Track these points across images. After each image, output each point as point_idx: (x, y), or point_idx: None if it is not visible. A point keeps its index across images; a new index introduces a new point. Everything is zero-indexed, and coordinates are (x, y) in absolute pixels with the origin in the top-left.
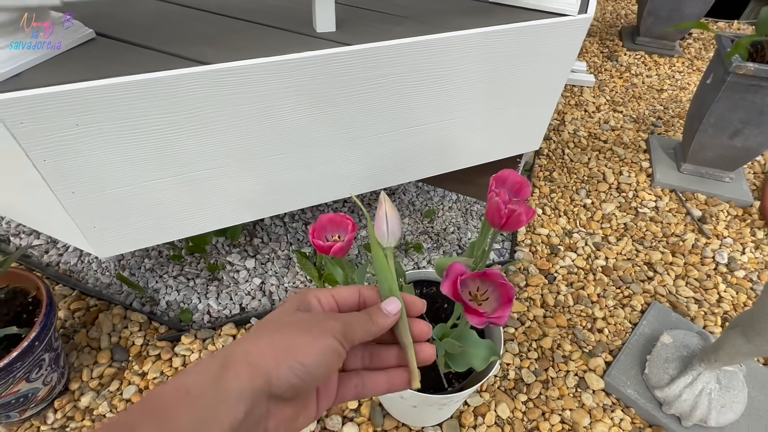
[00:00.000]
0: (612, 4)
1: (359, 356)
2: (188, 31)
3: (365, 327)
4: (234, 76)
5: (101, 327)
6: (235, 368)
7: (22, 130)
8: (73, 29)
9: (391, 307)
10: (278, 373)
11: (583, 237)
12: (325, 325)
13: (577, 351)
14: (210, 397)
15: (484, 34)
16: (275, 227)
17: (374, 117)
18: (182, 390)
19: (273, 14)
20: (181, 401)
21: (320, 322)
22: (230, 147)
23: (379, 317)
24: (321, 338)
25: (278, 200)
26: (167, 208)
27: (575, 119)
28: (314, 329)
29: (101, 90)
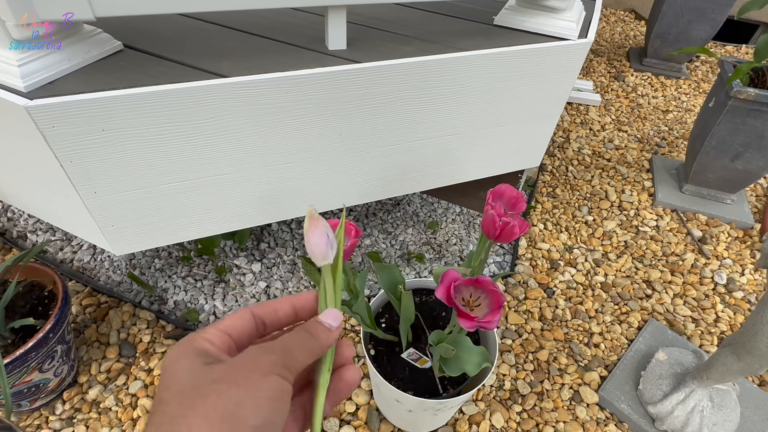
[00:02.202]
0: (621, 25)
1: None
2: (209, 45)
3: (306, 347)
4: (250, 89)
5: (111, 323)
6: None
7: (52, 133)
8: (103, 40)
9: (332, 319)
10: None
11: (583, 253)
12: (259, 363)
13: (572, 365)
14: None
15: (487, 56)
16: (282, 233)
17: (380, 131)
18: None
19: (288, 32)
20: None
21: (251, 363)
22: (243, 155)
23: (320, 332)
24: (263, 383)
25: (286, 206)
26: (182, 210)
27: (580, 137)
28: (250, 376)
29: (126, 98)
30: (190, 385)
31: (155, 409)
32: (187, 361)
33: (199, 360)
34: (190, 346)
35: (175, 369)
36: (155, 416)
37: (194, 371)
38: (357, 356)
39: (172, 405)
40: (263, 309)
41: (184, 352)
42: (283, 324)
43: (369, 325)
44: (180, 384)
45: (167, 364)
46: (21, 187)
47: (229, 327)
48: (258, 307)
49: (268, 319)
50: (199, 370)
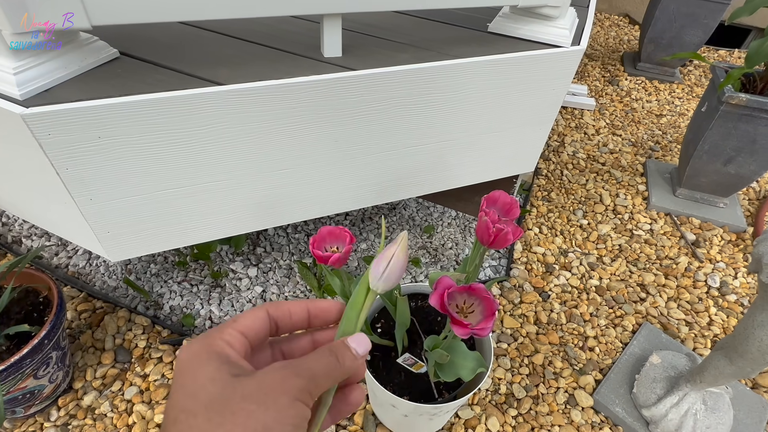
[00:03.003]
0: (615, 29)
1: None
2: (206, 52)
3: (330, 373)
4: (245, 97)
5: (106, 329)
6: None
7: (48, 141)
8: (99, 48)
9: (362, 347)
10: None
11: (578, 257)
12: (286, 387)
13: (567, 368)
14: None
15: (481, 63)
16: (278, 237)
17: (375, 137)
18: None
19: (284, 39)
20: None
21: (280, 386)
22: (239, 161)
23: (347, 360)
24: (289, 409)
25: (282, 212)
26: (177, 216)
27: (575, 141)
28: (279, 399)
29: (123, 106)
30: (219, 397)
31: (177, 417)
32: (211, 367)
33: (225, 369)
34: (211, 349)
35: (198, 374)
36: (179, 425)
37: (222, 383)
38: None
39: (199, 418)
40: (278, 311)
41: (204, 353)
42: (296, 327)
43: (365, 331)
44: (207, 394)
45: (185, 365)
46: (17, 194)
47: (245, 328)
48: (273, 307)
49: (282, 322)
50: (227, 382)
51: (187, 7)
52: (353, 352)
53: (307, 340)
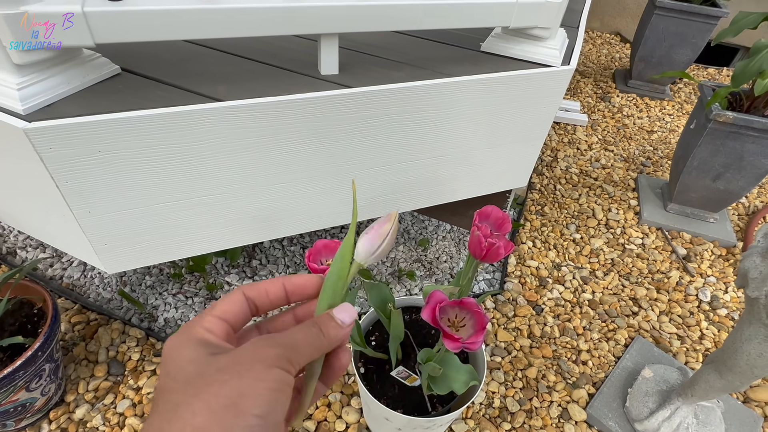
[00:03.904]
0: (607, 47)
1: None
2: (205, 69)
3: (313, 343)
4: (244, 113)
5: (100, 341)
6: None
7: (49, 155)
8: (101, 64)
9: (345, 315)
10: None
11: (571, 270)
12: (263, 355)
13: (561, 382)
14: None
15: (473, 81)
16: (274, 250)
17: (370, 152)
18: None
19: (282, 56)
20: None
21: (255, 355)
22: (236, 175)
23: (330, 328)
24: (266, 374)
25: (277, 225)
26: (174, 229)
27: (568, 156)
28: (253, 366)
29: (123, 121)
30: (196, 374)
31: (159, 397)
32: (190, 350)
33: (203, 350)
34: (190, 334)
35: (178, 358)
36: (159, 404)
37: (199, 361)
38: (347, 374)
39: (176, 393)
40: (254, 290)
41: (185, 340)
42: (274, 305)
43: (359, 344)
44: (185, 373)
45: (168, 353)
46: (15, 206)
47: (224, 312)
48: (249, 288)
49: (260, 302)
50: (203, 360)
51: (189, 27)
52: (338, 321)
53: (290, 316)
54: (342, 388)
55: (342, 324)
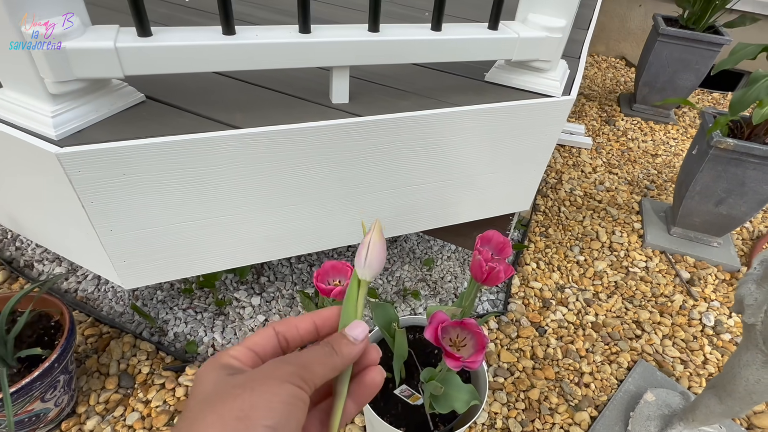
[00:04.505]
0: (612, 71)
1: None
2: (224, 97)
3: (327, 362)
4: (259, 139)
5: (111, 354)
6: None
7: (78, 177)
8: (127, 93)
9: (357, 332)
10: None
11: (574, 292)
12: (275, 373)
13: (563, 404)
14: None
15: (477, 111)
16: (282, 267)
17: (378, 176)
18: None
19: (296, 86)
20: None
21: (269, 372)
22: (249, 197)
23: (342, 346)
24: (278, 388)
25: (288, 245)
26: (189, 247)
27: (572, 179)
28: (266, 382)
29: (146, 147)
30: (213, 392)
31: (180, 418)
32: (214, 373)
33: (224, 372)
34: (216, 361)
35: (203, 381)
36: (179, 424)
37: (218, 381)
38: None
39: (194, 410)
40: (285, 326)
41: (211, 366)
42: (305, 341)
43: None
44: (205, 392)
45: (196, 378)
46: (40, 223)
47: (253, 344)
48: (280, 324)
49: (290, 336)
50: (222, 380)
51: (210, 61)
52: (350, 339)
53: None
54: None
55: (354, 340)
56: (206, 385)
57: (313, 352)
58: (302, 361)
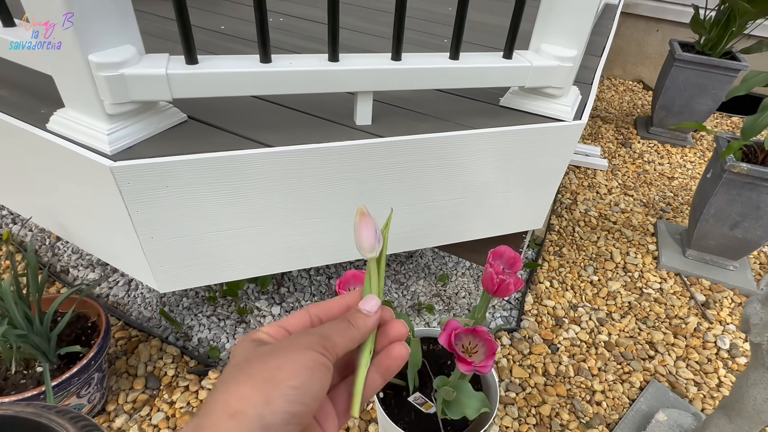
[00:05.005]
0: (629, 94)
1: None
2: (258, 118)
3: (346, 334)
4: (288, 157)
5: (139, 356)
6: (213, 428)
7: (127, 188)
8: (172, 113)
9: (370, 305)
10: (273, 408)
11: (587, 312)
12: (298, 342)
13: (574, 421)
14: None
15: (492, 133)
16: (301, 279)
17: (396, 193)
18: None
19: (323, 109)
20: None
21: (293, 342)
22: (277, 210)
23: (358, 319)
24: (301, 354)
25: (309, 256)
26: (220, 255)
27: (587, 200)
28: (290, 349)
29: (187, 163)
30: (243, 360)
31: (216, 383)
32: (244, 346)
33: (253, 345)
34: (249, 336)
35: (235, 354)
36: (215, 387)
37: (248, 351)
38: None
39: (227, 375)
40: (319, 308)
41: (243, 341)
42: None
43: None
44: (236, 361)
45: (231, 353)
46: (88, 230)
47: (286, 323)
48: (314, 306)
49: (324, 317)
50: (251, 350)
51: (248, 85)
52: (364, 312)
53: None
54: (361, 414)
55: (368, 313)
56: (238, 356)
57: (332, 324)
58: (323, 332)
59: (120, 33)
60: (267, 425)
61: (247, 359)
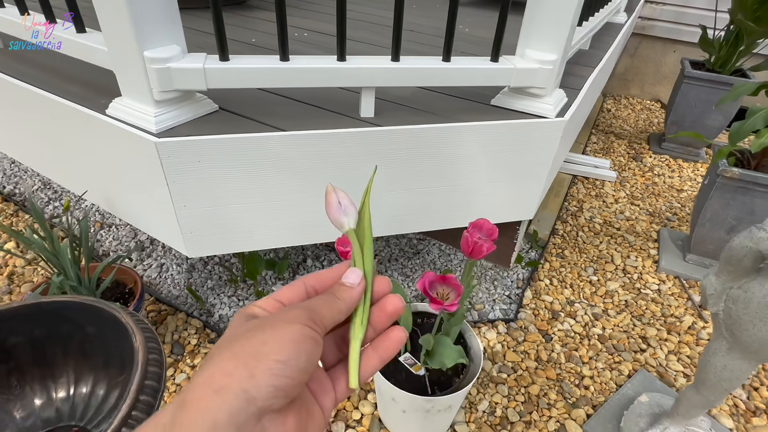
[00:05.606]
0: (646, 113)
1: (335, 346)
2: (277, 110)
3: (331, 305)
4: (300, 140)
5: (167, 326)
6: (196, 402)
7: (167, 161)
8: (206, 104)
9: (352, 277)
10: (257, 382)
11: (584, 307)
12: (285, 316)
13: (561, 401)
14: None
15: (480, 126)
16: (315, 269)
17: (395, 178)
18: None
19: (333, 102)
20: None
21: (279, 316)
22: (291, 187)
23: (342, 291)
24: (288, 327)
25: (320, 231)
26: (240, 226)
27: (593, 208)
28: (276, 323)
29: (217, 141)
30: (231, 336)
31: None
32: (237, 321)
33: (244, 319)
34: (242, 312)
35: (228, 329)
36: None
37: (237, 326)
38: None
39: (214, 350)
40: (313, 279)
41: (236, 316)
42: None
43: None
44: (226, 337)
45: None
46: (129, 202)
47: (281, 296)
48: (309, 277)
49: (320, 287)
50: (240, 325)
51: (269, 79)
52: (347, 284)
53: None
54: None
55: (351, 285)
56: (229, 332)
57: (319, 298)
58: (309, 305)
59: (168, 35)
60: (251, 399)
61: (235, 334)
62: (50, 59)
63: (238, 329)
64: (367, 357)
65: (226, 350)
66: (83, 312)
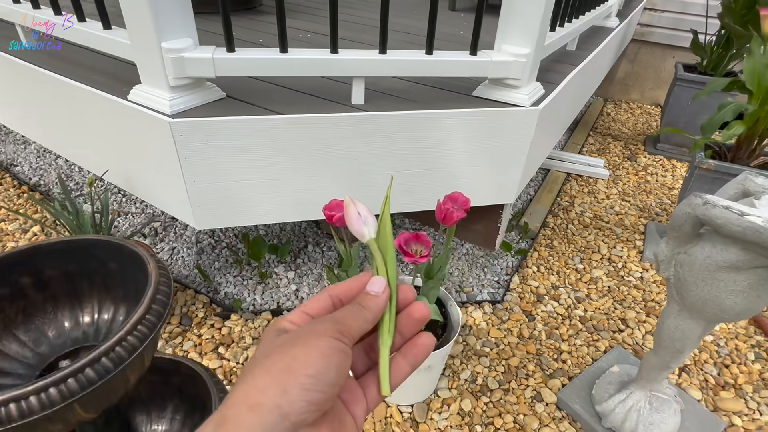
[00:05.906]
0: (645, 116)
1: (364, 354)
2: (277, 98)
3: (358, 316)
4: (296, 122)
5: (177, 301)
6: (234, 420)
7: (180, 139)
8: (215, 91)
9: (376, 286)
10: (290, 398)
11: (568, 292)
12: (313, 330)
13: (539, 372)
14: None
15: (459, 113)
16: (315, 253)
17: (383, 159)
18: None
19: (327, 91)
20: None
21: (308, 329)
22: (288, 166)
23: (368, 301)
24: (317, 342)
25: (312, 209)
26: (242, 201)
27: (584, 203)
28: (305, 337)
29: (223, 122)
30: (262, 353)
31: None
32: (268, 337)
33: (274, 335)
34: (272, 327)
35: (259, 346)
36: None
37: (268, 343)
38: None
39: (246, 368)
40: (338, 289)
41: (266, 332)
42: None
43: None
44: (257, 354)
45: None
46: (144, 179)
47: (308, 308)
48: (334, 288)
49: (345, 298)
50: (271, 341)
51: (270, 68)
52: (372, 293)
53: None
54: None
55: (376, 294)
56: (261, 349)
57: (345, 309)
58: (337, 317)
59: (182, 29)
60: (285, 414)
61: (265, 352)
62: (76, 55)
63: (269, 345)
64: (396, 363)
65: (259, 367)
66: (108, 249)
